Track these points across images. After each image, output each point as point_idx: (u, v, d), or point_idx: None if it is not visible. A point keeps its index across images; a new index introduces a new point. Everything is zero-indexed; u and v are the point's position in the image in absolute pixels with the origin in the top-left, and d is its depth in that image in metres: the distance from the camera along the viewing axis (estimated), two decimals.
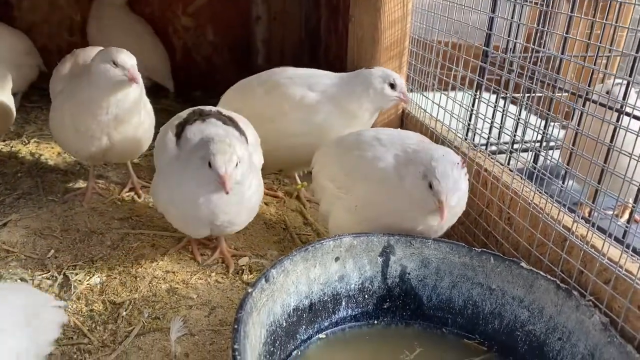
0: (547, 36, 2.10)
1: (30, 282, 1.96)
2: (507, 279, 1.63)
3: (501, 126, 2.09)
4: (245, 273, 2.09)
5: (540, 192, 1.78)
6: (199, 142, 1.84)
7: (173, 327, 1.74)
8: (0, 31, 3.36)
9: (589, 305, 1.46)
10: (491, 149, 2.15)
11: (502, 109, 2.11)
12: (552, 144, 2.17)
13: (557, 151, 2.15)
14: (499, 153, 2.12)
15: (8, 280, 1.77)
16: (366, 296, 1.72)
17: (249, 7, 4.18)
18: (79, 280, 1.98)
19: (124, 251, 2.17)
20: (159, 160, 2.03)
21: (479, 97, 2.16)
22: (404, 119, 2.70)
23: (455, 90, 2.26)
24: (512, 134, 2.02)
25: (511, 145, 2.05)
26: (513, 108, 2.09)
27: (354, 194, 1.86)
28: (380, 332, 1.72)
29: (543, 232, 1.69)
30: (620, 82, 1.76)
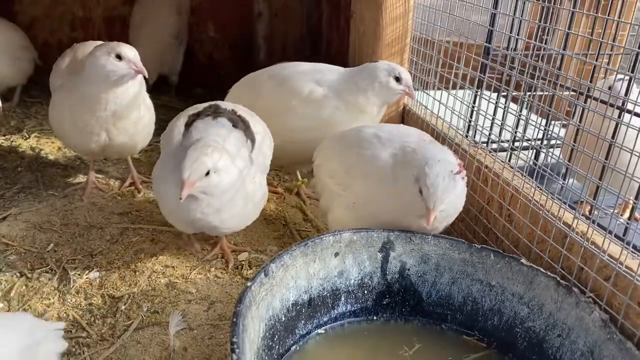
0: (549, 33, 2.09)
1: (29, 275, 1.96)
2: (507, 276, 1.63)
3: (502, 123, 2.09)
4: (244, 268, 2.09)
5: (540, 189, 1.77)
6: (193, 141, 1.81)
7: (172, 321, 1.74)
8: None
9: (588, 302, 1.46)
10: (492, 146, 2.14)
11: (503, 105, 2.10)
12: (553, 142, 2.16)
13: (557, 149, 2.14)
14: (500, 151, 2.11)
15: (9, 312, 1.74)
16: (365, 292, 1.72)
17: (251, 4, 4.18)
18: (78, 274, 1.98)
19: (123, 245, 2.17)
20: (165, 145, 2.01)
21: (480, 94, 2.15)
22: (405, 116, 2.69)
23: (457, 88, 2.25)
24: (513, 131, 2.02)
25: (512, 143, 2.04)
26: (515, 106, 2.08)
27: (352, 191, 1.86)
28: (380, 327, 1.72)
29: (543, 228, 1.69)
30: (622, 78, 1.75)
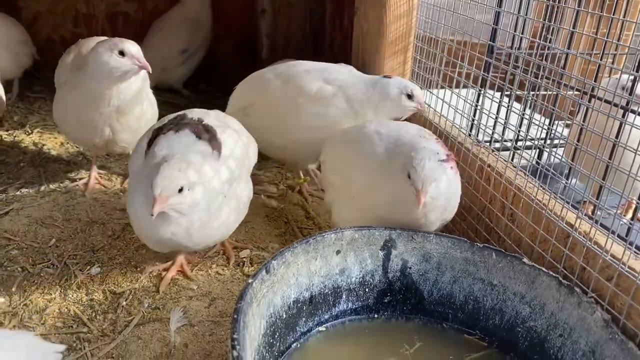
0: (553, 32, 2.08)
1: (31, 270, 1.96)
2: (509, 275, 1.62)
3: (506, 122, 2.08)
4: (246, 265, 2.08)
5: (543, 188, 1.77)
6: (159, 162, 1.69)
7: (173, 317, 1.75)
8: None
9: (591, 302, 1.45)
10: (495, 145, 2.14)
11: (506, 104, 2.10)
12: (556, 141, 2.16)
13: (560, 149, 2.14)
14: (503, 150, 2.11)
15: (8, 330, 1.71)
16: (367, 290, 1.71)
17: (254, 1, 4.17)
18: (80, 270, 1.98)
19: (124, 241, 2.17)
20: (132, 165, 1.90)
21: (483, 93, 2.15)
22: None
23: (460, 87, 2.24)
24: (517, 130, 2.01)
25: (515, 142, 2.04)
26: (518, 106, 2.07)
27: (352, 184, 1.89)
28: (381, 326, 1.71)
29: (546, 228, 1.68)
30: (627, 78, 1.75)
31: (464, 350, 1.63)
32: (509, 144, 2.09)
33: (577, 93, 1.83)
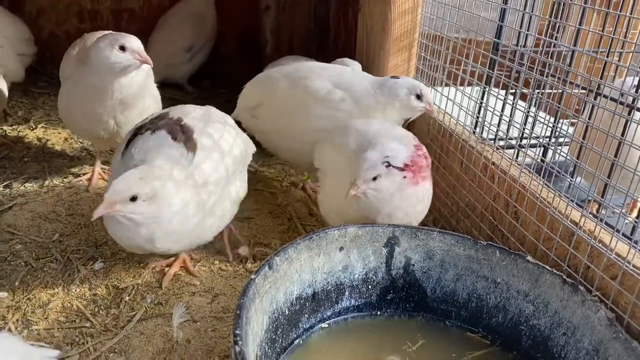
0: (559, 30, 2.07)
1: (34, 265, 1.96)
2: (513, 273, 1.62)
3: (510, 120, 2.07)
4: (249, 261, 2.08)
5: (548, 186, 1.76)
6: (136, 164, 1.68)
7: (175, 313, 1.74)
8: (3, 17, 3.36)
9: (594, 300, 1.44)
10: (499, 143, 2.13)
11: (511, 102, 2.09)
12: (561, 139, 2.15)
13: (565, 147, 2.13)
14: (507, 148, 2.10)
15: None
16: (370, 287, 1.71)
17: None
18: (83, 265, 1.99)
19: None
20: (112, 162, 1.87)
21: (488, 91, 2.14)
22: None
23: (465, 84, 2.23)
24: (521, 127, 2.00)
25: (520, 140, 2.03)
26: (523, 104, 2.06)
27: (328, 177, 2.01)
28: (383, 323, 1.71)
29: (550, 226, 1.67)
30: (633, 77, 1.74)
31: (467, 348, 1.62)
32: (513, 141, 2.09)
33: (582, 91, 1.82)
